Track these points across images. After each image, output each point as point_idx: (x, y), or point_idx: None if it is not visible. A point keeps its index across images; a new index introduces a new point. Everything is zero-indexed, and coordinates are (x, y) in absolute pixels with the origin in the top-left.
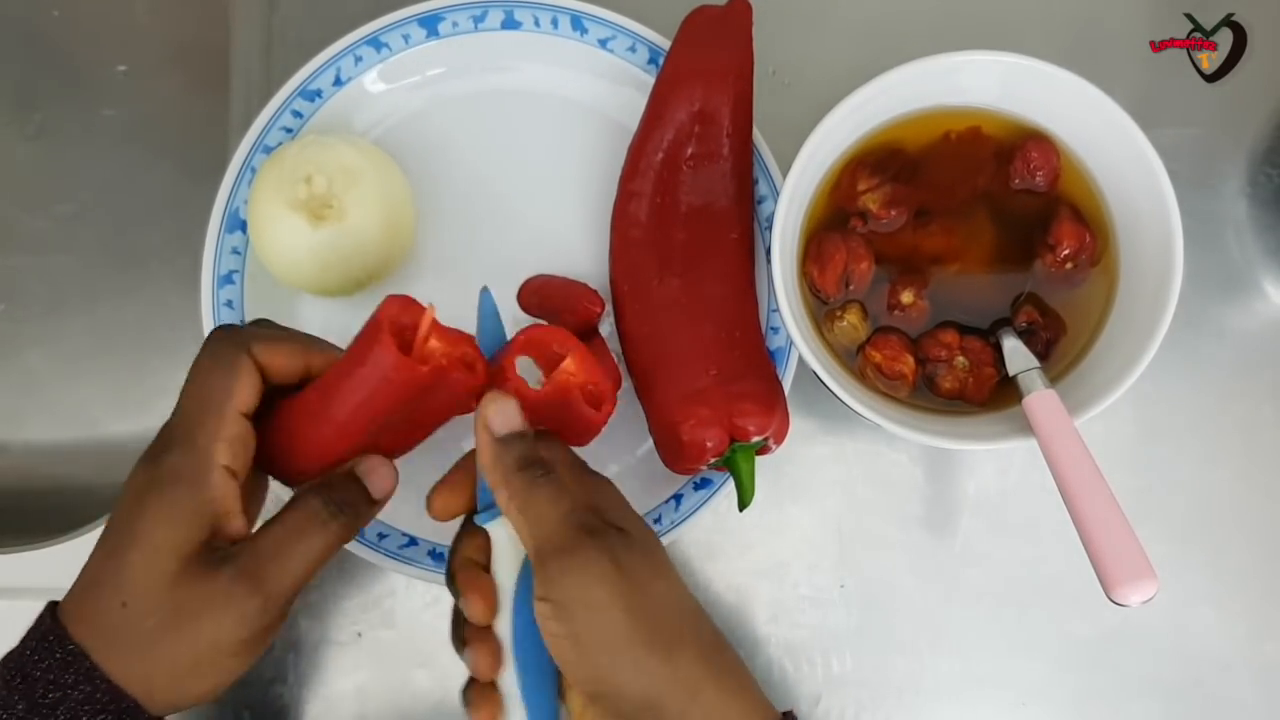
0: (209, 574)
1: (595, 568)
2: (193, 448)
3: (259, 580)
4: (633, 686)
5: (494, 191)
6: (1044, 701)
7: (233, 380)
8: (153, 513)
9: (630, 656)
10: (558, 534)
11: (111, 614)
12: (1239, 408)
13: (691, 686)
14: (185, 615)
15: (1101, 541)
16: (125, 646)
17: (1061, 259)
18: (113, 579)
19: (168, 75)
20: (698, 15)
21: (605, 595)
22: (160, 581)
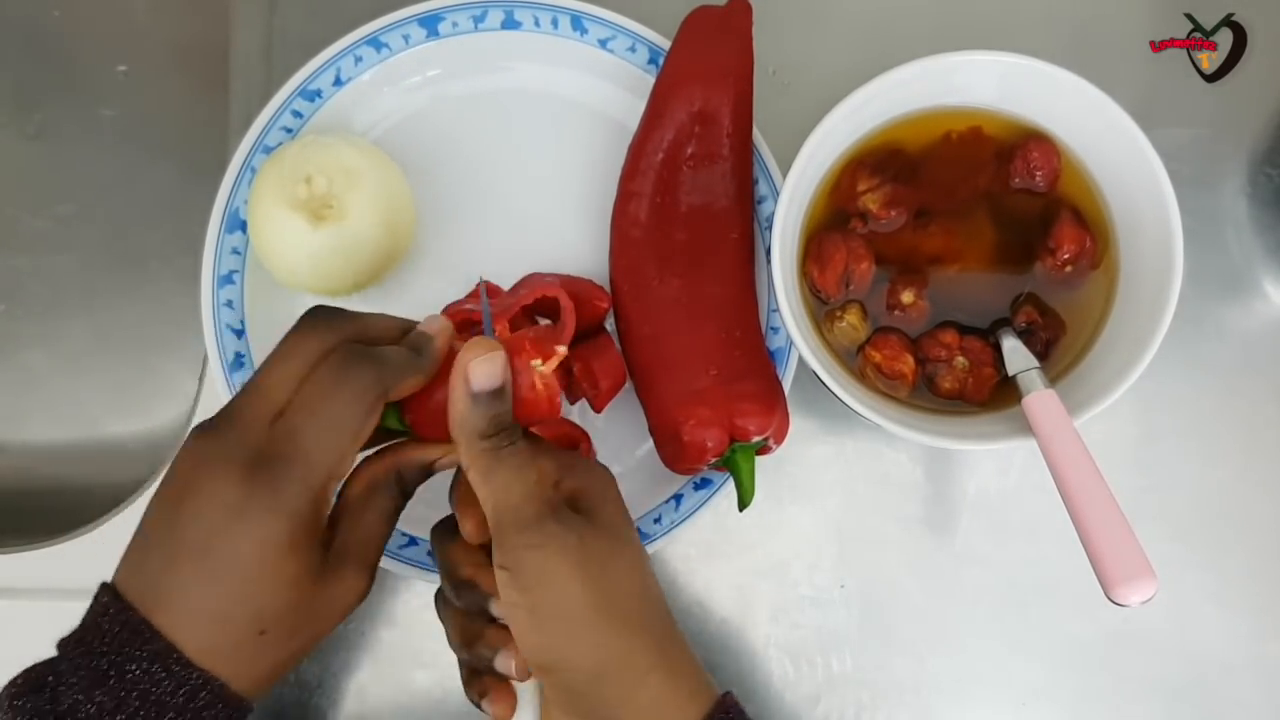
0: (335, 576)
1: (557, 542)
2: (308, 484)
3: (368, 559)
4: (584, 660)
5: (494, 191)
6: (1044, 701)
7: (366, 424)
8: (274, 545)
9: (585, 631)
10: (521, 507)
11: (247, 642)
12: (1239, 407)
13: (642, 668)
14: (318, 616)
15: (1101, 541)
16: (255, 664)
17: (1062, 262)
18: (250, 612)
19: (168, 75)
20: (698, 15)
21: (566, 570)
22: (301, 603)
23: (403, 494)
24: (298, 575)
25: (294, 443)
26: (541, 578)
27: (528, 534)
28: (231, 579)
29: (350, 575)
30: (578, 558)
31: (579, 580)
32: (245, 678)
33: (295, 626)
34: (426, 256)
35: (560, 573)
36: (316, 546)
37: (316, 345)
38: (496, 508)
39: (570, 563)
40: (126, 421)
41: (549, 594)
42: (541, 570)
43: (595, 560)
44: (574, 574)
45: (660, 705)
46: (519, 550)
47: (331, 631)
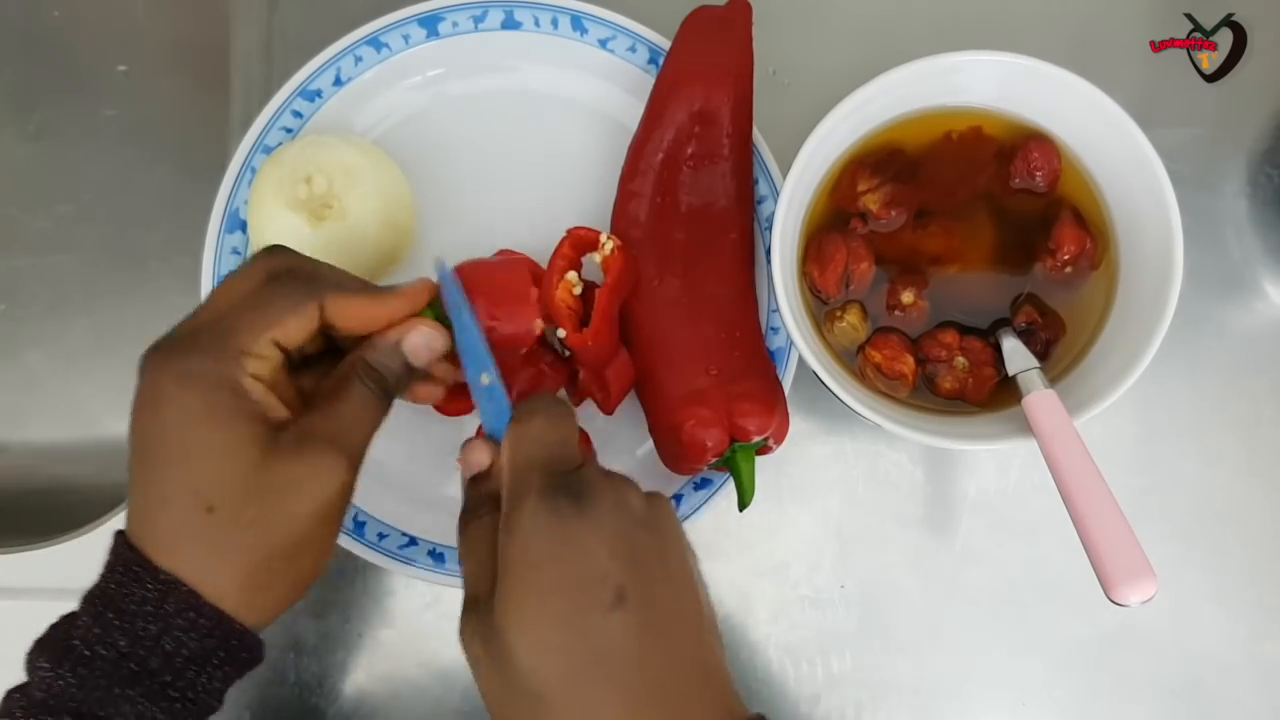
0: (296, 452)
1: (466, 633)
2: (220, 356)
3: (339, 441)
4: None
5: (494, 191)
6: (1044, 701)
7: (287, 315)
8: (201, 415)
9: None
10: (469, 581)
11: (196, 525)
12: (1239, 407)
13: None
14: (281, 493)
15: (1101, 541)
16: (219, 553)
17: (1062, 262)
18: (188, 490)
19: (168, 75)
20: (698, 15)
21: (474, 659)
22: (244, 474)
23: (380, 385)
24: (229, 442)
25: (207, 329)
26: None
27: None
28: (162, 457)
29: (313, 453)
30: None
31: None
32: (216, 578)
33: (248, 503)
34: (426, 256)
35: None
36: (246, 415)
37: (261, 268)
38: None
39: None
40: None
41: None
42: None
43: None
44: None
45: None
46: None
47: (321, 536)
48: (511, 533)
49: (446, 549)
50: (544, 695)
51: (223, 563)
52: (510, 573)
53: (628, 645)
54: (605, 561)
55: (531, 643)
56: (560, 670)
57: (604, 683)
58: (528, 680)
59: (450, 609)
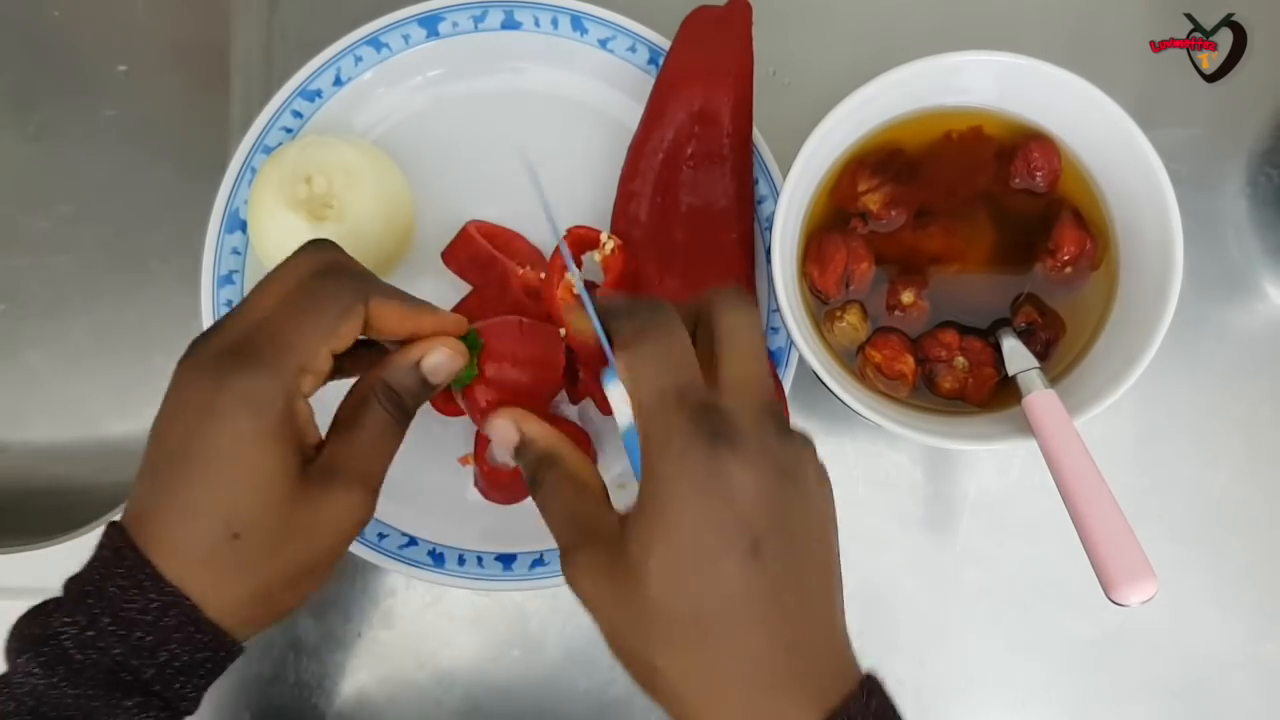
0: (324, 488)
1: (582, 569)
2: (278, 373)
3: (367, 479)
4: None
5: (494, 191)
6: (1044, 701)
7: (341, 323)
8: (245, 436)
9: (627, 653)
10: (559, 537)
11: (220, 546)
12: (1239, 407)
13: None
14: (305, 530)
15: (1101, 541)
16: (232, 576)
17: (1062, 263)
18: (219, 509)
19: (168, 75)
20: (698, 15)
21: (594, 594)
22: (277, 509)
23: (399, 408)
24: (269, 473)
25: (265, 338)
26: (584, 604)
27: (564, 565)
28: (199, 473)
29: (340, 490)
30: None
31: (607, 603)
32: (223, 596)
33: (273, 536)
34: (426, 256)
35: (589, 597)
36: (291, 446)
37: (307, 265)
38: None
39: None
40: (126, 421)
41: (595, 619)
42: (581, 597)
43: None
44: (601, 597)
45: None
46: (567, 579)
47: (328, 562)
48: (655, 474)
49: (446, 549)
50: (673, 634)
51: (233, 585)
52: (652, 510)
53: (755, 598)
54: (747, 509)
55: (667, 582)
56: (690, 612)
57: (728, 631)
58: (659, 616)
59: (450, 609)
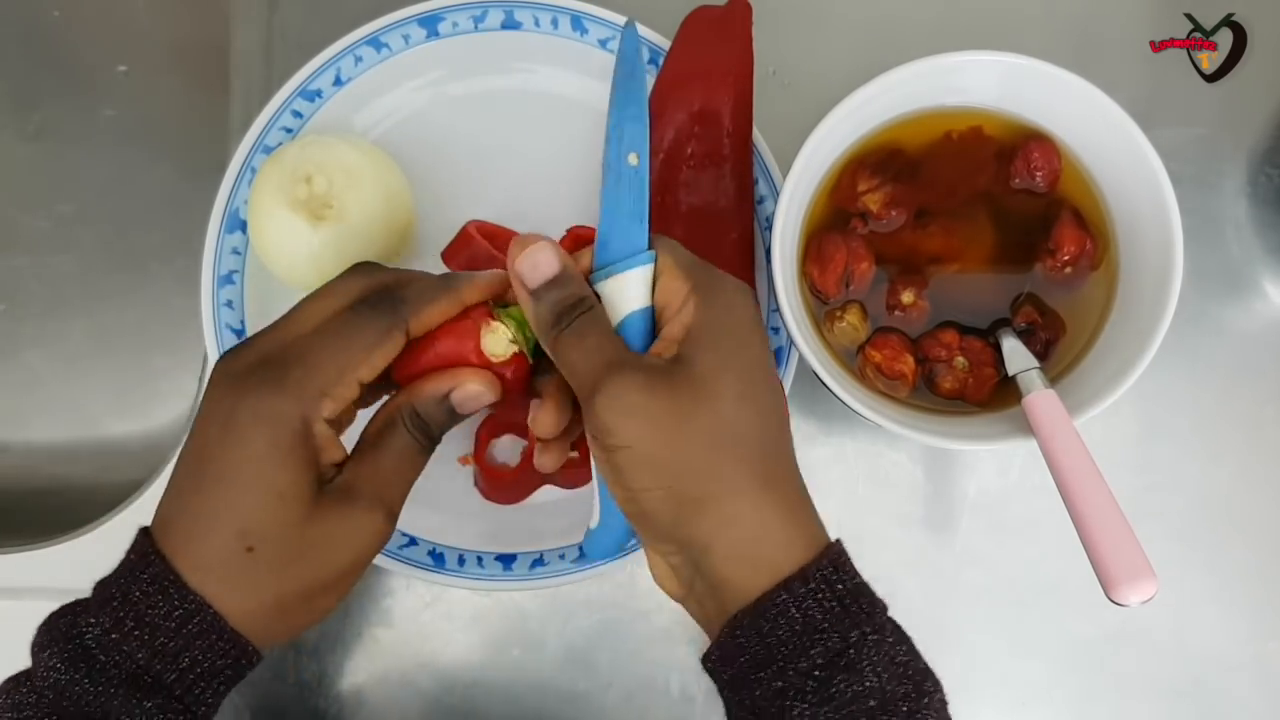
0: (339, 507)
1: (621, 402)
2: (298, 395)
3: (386, 501)
4: (664, 506)
5: (494, 191)
6: (1044, 701)
7: (374, 352)
8: (259, 454)
9: (661, 476)
10: (586, 379)
11: (234, 558)
12: (1239, 407)
13: (729, 514)
14: (320, 549)
15: (1101, 541)
16: (250, 589)
17: (1062, 263)
18: (233, 522)
19: (168, 75)
20: (697, 15)
21: (634, 432)
22: (290, 524)
23: (425, 435)
24: (285, 489)
25: (294, 358)
26: (615, 433)
27: (592, 402)
28: (214, 486)
29: (359, 512)
30: (645, 415)
31: (651, 429)
32: (240, 607)
33: (287, 551)
34: (426, 256)
35: (630, 435)
36: (304, 466)
37: (353, 290)
38: (574, 383)
39: (637, 423)
40: (126, 421)
41: (625, 447)
42: (613, 428)
43: (671, 413)
44: (644, 425)
45: (752, 545)
46: (595, 414)
47: (347, 580)
48: (726, 308)
49: (446, 549)
50: (742, 439)
51: (251, 597)
52: (721, 341)
53: (785, 422)
54: (763, 339)
55: (736, 403)
56: (754, 430)
57: (779, 449)
58: (728, 425)
59: (450, 609)
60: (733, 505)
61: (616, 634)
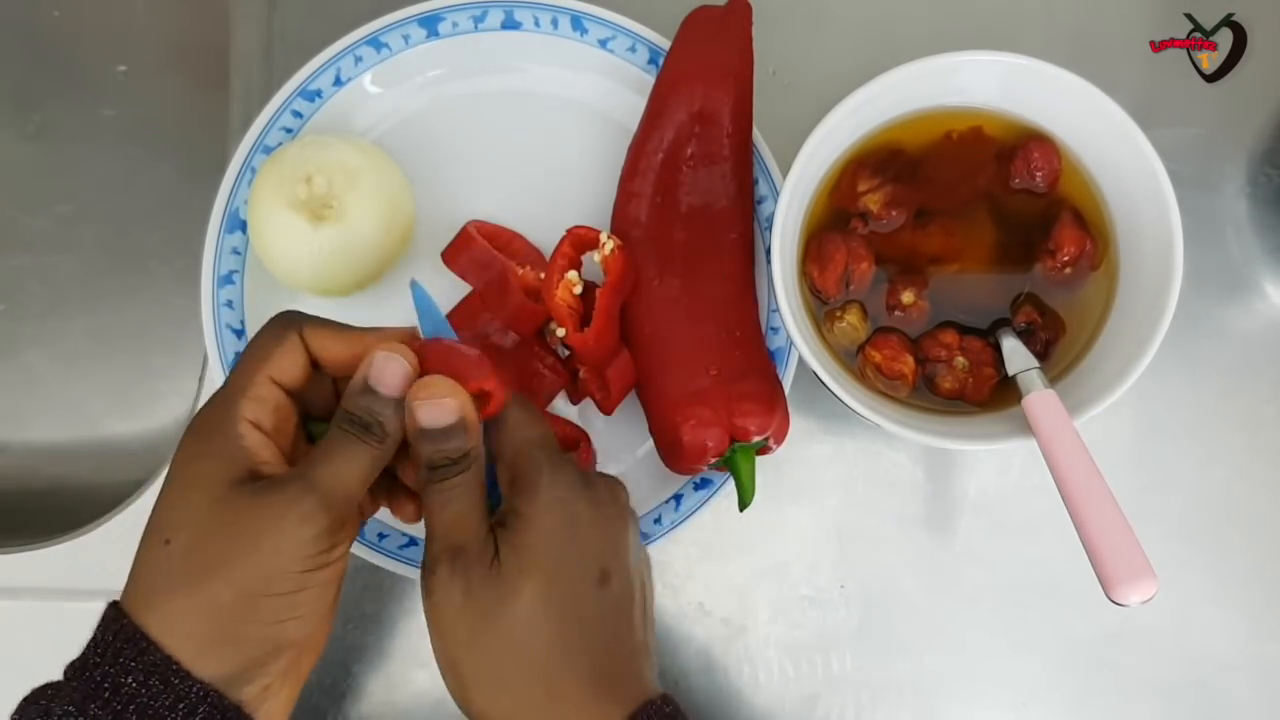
0: (264, 490)
1: (442, 592)
2: (221, 401)
3: (310, 480)
4: (468, 709)
5: (494, 191)
6: (1044, 701)
7: (273, 349)
8: (187, 455)
9: (461, 683)
10: (430, 545)
11: (156, 558)
12: (1239, 407)
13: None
14: (243, 531)
15: (1101, 541)
16: (173, 588)
17: (1062, 263)
18: (153, 526)
19: (168, 75)
20: (697, 15)
21: (445, 620)
22: (204, 505)
23: (361, 426)
24: (198, 479)
25: (227, 379)
26: (430, 622)
27: (425, 575)
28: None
29: (281, 495)
30: (457, 607)
31: (454, 631)
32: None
33: (201, 538)
34: (426, 256)
35: (439, 621)
36: (226, 457)
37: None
38: (427, 529)
39: (448, 612)
40: (126, 421)
41: (434, 641)
42: (430, 616)
43: (478, 614)
44: (451, 625)
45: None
46: (421, 589)
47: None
48: (532, 496)
49: None
50: (526, 648)
51: (175, 600)
52: (528, 532)
53: (602, 619)
54: (600, 542)
55: (534, 601)
56: (551, 631)
57: (581, 647)
58: (517, 632)
59: None
60: (522, 714)
61: None
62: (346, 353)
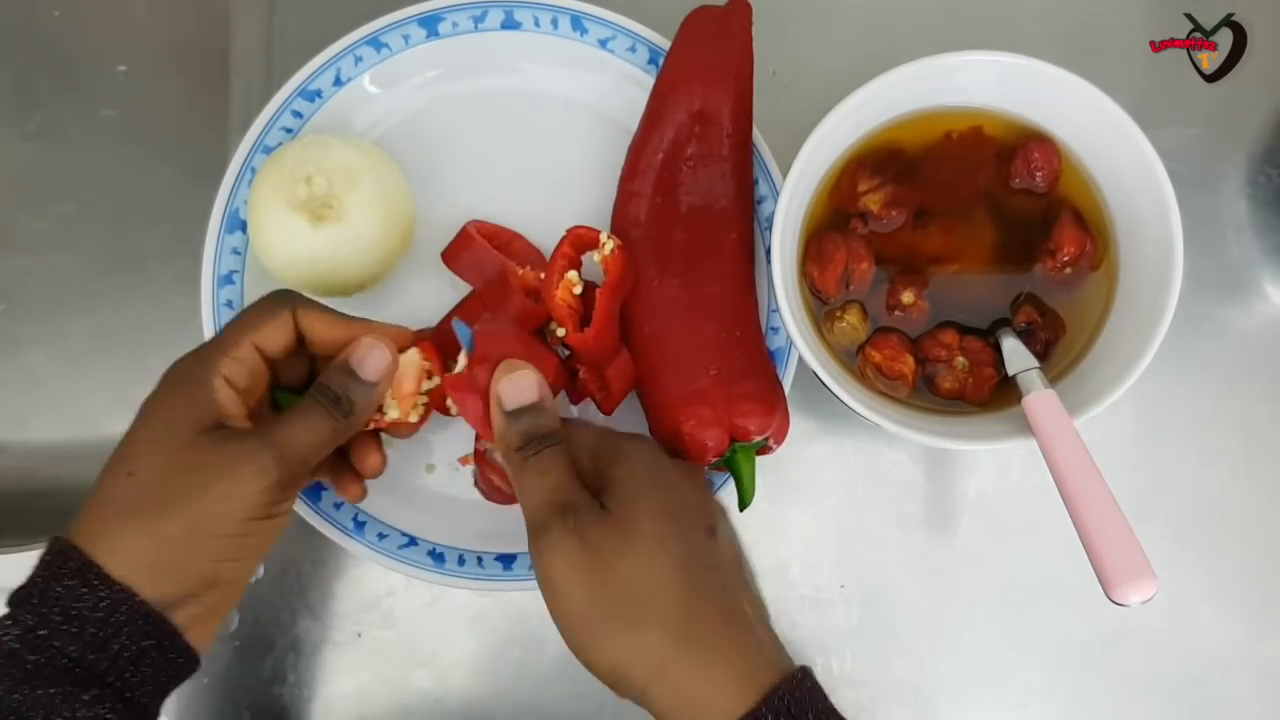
0: (226, 439)
1: (558, 550)
2: (201, 355)
3: (272, 439)
4: (599, 662)
5: (494, 191)
6: (1044, 701)
7: (263, 320)
8: (161, 398)
9: (592, 635)
10: (537, 512)
11: (117, 486)
12: (1239, 407)
13: (656, 663)
14: (200, 471)
15: (1101, 541)
16: (128, 515)
17: (1062, 263)
18: (118, 459)
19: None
20: (697, 16)
21: (566, 576)
22: (170, 445)
23: (332, 400)
24: (167, 418)
25: (211, 338)
26: (549, 584)
27: (535, 541)
28: (123, 444)
29: (244, 444)
30: (576, 561)
31: (579, 585)
32: (122, 543)
33: (162, 473)
34: (426, 256)
35: (560, 579)
36: (197, 404)
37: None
38: (525, 508)
39: (569, 568)
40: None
41: (558, 602)
42: (549, 578)
43: (598, 562)
44: (574, 580)
45: (689, 691)
46: (535, 557)
47: (232, 523)
48: (621, 460)
49: (446, 549)
50: (654, 586)
51: (128, 526)
52: (631, 481)
53: (719, 568)
54: (699, 499)
55: (654, 541)
56: (677, 569)
57: (709, 584)
58: (642, 573)
59: (450, 609)
60: (658, 653)
61: None
62: (335, 336)
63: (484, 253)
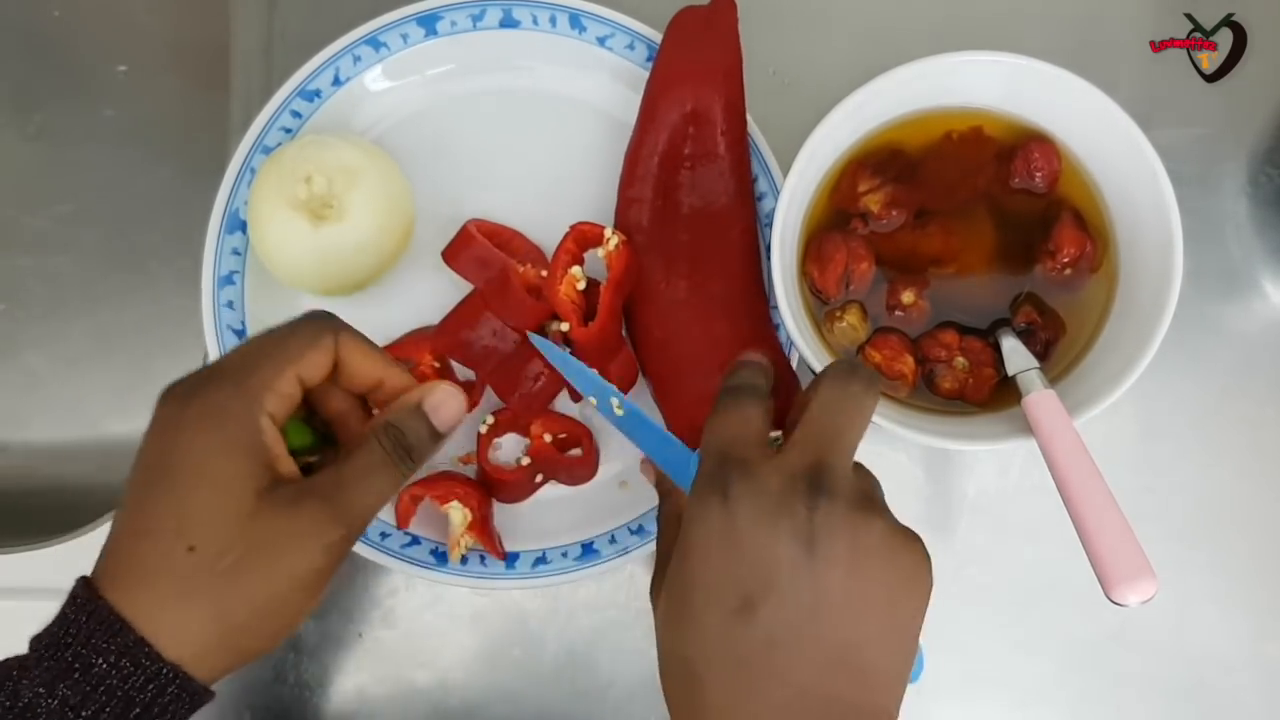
0: (290, 506)
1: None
2: (243, 388)
3: (343, 509)
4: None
5: (494, 190)
6: (1044, 701)
7: (306, 349)
8: (204, 446)
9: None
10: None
11: (174, 561)
12: (1239, 407)
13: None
14: (266, 549)
15: (1100, 541)
16: (190, 596)
17: (1062, 264)
18: (173, 523)
19: (168, 75)
20: (683, 17)
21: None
22: (235, 517)
23: (400, 446)
24: (228, 482)
25: (235, 363)
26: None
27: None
28: (160, 487)
29: (306, 511)
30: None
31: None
32: (178, 623)
33: (230, 549)
34: (426, 255)
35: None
36: (254, 458)
37: (289, 322)
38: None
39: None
40: (126, 421)
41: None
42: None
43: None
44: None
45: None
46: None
47: (298, 597)
48: (683, 521)
49: (447, 548)
50: (669, 669)
51: (190, 609)
52: (674, 551)
53: (733, 656)
54: (746, 567)
55: (665, 622)
56: (678, 655)
57: (701, 680)
58: (664, 652)
59: (450, 609)
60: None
61: (617, 634)
62: (372, 372)
63: (485, 251)
